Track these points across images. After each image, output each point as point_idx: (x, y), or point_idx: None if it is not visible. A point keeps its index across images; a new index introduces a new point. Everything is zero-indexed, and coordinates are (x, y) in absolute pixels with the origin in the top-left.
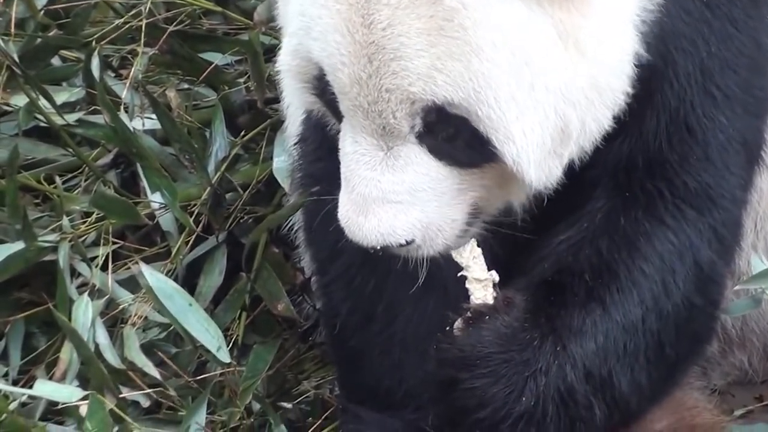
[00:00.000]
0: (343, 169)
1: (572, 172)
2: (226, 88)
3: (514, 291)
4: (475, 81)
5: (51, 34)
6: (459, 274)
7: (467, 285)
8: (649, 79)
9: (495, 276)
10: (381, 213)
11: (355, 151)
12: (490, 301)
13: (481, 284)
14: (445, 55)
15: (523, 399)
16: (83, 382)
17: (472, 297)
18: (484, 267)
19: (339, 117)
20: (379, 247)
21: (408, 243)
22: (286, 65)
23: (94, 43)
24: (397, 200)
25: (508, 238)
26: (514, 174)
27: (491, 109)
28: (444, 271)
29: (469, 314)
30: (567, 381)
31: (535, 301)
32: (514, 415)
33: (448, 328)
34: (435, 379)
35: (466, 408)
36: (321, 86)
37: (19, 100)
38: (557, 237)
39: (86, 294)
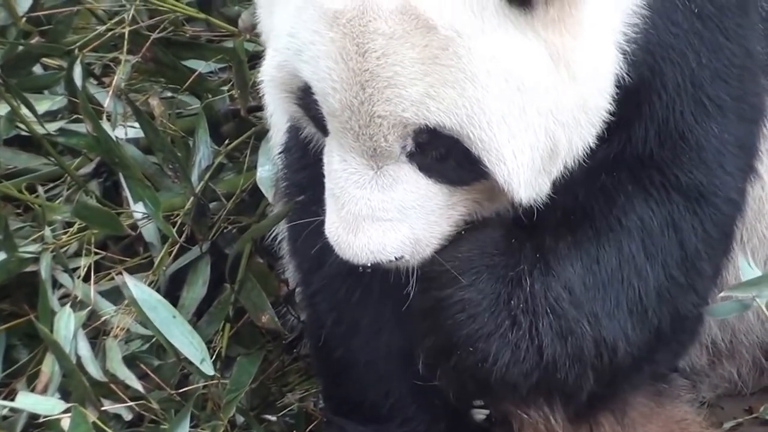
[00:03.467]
0: (330, 186)
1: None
2: (210, 96)
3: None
4: (469, 107)
5: (33, 41)
6: None
7: None
8: (637, 90)
9: None
10: (371, 231)
11: (344, 169)
12: None
13: None
14: (439, 83)
15: (512, 303)
16: (65, 394)
17: None
18: None
19: (324, 131)
20: (369, 265)
21: (397, 259)
22: (270, 76)
23: (76, 50)
24: (387, 218)
25: None
26: (504, 192)
27: (483, 132)
28: None
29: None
30: (552, 288)
31: (506, 223)
32: (505, 325)
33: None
34: (419, 309)
35: (455, 326)
36: (306, 98)
37: (0, 109)
38: None
39: (68, 305)
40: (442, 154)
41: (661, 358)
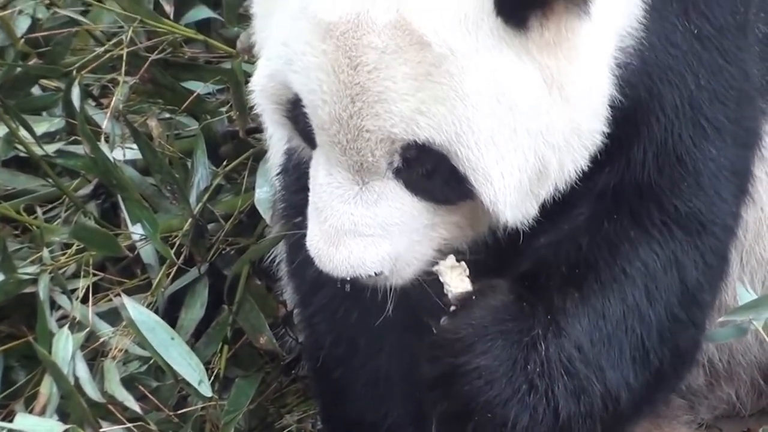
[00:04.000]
0: (314, 199)
1: (555, 201)
2: (208, 117)
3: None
4: (458, 125)
5: (31, 62)
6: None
7: (441, 278)
8: (635, 112)
9: (465, 265)
10: (352, 245)
11: (329, 183)
12: (470, 288)
13: (456, 273)
14: (430, 100)
15: (529, 367)
16: (63, 416)
17: (449, 288)
18: (452, 256)
19: (312, 143)
20: (348, 278)
21: (377, 275)
22: (261, 86)
23: (74, 72)
24: (369, 233)
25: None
26: (489, 213)
27: (471, 151)
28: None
29: (453, 306)
30: (566, 349)
31: (514, 287)
32: (523, 389)
33: (434, 330)
34: (432, 377)
35: (473, 393)
36: (295, 111)
37: None
38: (538, 240)
39: (66, 327)
40: (429, 171)
41: (660, 396)
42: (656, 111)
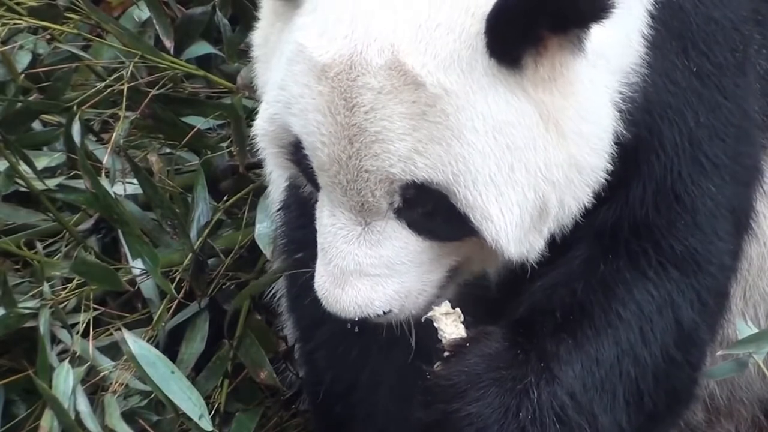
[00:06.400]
0: (320, 240)
1: (555, 239)
2: (209, 152)
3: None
4: (455, 164)
5: (32, 98)
6: (423, 318)
7: (436, 324)
8: (636, 149)
9: (459, 312)
10: (359, 285)
11: (333, 224)
12: (464, 334)
13: (450, 319)
14: (426, 139)
15: (521, 415)
16: None
17: (443, 334)
18: (448, 303)
19: (316, 185)
20: (356, 319)
21: (385, 314)
22: (263, 130)
23: (75, 107)
24: (375, 273)
25: (486, 290)
26: (494, 248)
27: (468, 189)
28: (428, 339)
29: (447, 352)
30: (558, 396)
31: (508, 334)
32: None
33: (428, 375)
34: (425, 422)
35: None
36: (298, 153)
37: None
38: (534, 283)
39: (67, 361)
40: (430, 211)
41: None
42: (656, 148)
